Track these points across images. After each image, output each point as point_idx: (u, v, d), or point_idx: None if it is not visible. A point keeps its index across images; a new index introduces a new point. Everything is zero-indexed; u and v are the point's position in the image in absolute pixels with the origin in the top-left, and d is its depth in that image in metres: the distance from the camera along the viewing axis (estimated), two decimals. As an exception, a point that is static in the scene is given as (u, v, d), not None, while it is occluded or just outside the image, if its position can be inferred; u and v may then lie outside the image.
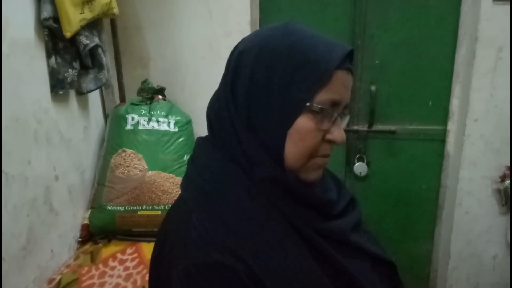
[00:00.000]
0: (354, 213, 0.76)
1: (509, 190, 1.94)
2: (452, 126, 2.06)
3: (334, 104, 0.64)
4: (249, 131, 0.65)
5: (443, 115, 2.08)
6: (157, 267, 0.67)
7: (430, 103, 2.07)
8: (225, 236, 0.60)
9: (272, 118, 0.64)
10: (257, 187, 0.64)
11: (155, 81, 1.92)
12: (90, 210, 1.68)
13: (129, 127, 1.76)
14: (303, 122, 0.63)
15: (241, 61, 0.66)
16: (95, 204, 1.68)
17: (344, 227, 0.70)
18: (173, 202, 1.66)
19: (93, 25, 1.65)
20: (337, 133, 0.66)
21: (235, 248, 0.59)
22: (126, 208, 1.63)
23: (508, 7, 1.80)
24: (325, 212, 0.69)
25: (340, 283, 0.65)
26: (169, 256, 0.64)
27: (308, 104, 0.62)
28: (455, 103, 2.03)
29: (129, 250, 1.60)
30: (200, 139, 0.73)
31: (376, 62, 2.04)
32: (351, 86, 0.68)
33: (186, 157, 1.77)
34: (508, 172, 1.96)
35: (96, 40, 1.63)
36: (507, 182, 1.95)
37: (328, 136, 0.66)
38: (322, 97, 0.63)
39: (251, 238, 0.61)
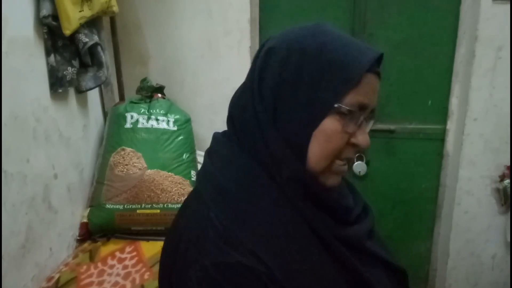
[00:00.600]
0: (368, 220, 0.75)
1: (508, 190, 1.95)
2: (451, 125, 2.06)
3: (362, 107, 0.64)
4: (275, 129, 0.64)
5: (443, 115, 2.08)
6: (171, 265, 0.64)
7: (430, 102, 2.07)
8: (245, 237, 0.59)
9: (299, 118, 0.63)
10: (280, 188, 0.64)
11: (155, 80, 1.92)
12: (89, 209, 1.68)
13: (128, 125, 1.75)
14: (330, 123, 0.62)
15: (269, 58, 0.66)
16: (94, 202, 1.67)
17: (360, 233, 0.70)
18: (172, 200, 1.67)
19: (92, 23, 1.65)
20: (362, 137, 0.65)
21: (255, 249, 0.58)
22: (125, 206, 1.63)
23: (508, 6, 1.80)
24: (341, 218, 0.69)
25: None
26: (185, 254, 0.62)
27: (336, 105, 0.62)
28: (454, 103, 2.04)
29: (128, 249, 1.60)
30: (219, 134, 0.72)
31: (376, 61, 2.03)
32: (378, 90, 0.68)
33: (185, 156, 1.77)
34: (507, 172, 1.96)
35: (96, 38, 1.63)
36: (506, 181, 1.95)
37: (353, 140, 0.65)
38: (351, 99, 0.62)
39: (272, 240, 0.60)
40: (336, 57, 0.62)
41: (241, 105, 0.68)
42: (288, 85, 0.63)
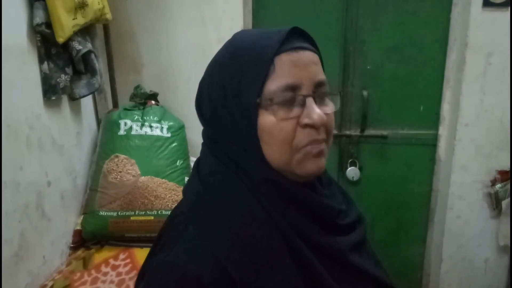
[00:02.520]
0: (359, 231, 0.72)
1: (500, 194, 1.96)
2: (443, 130, 2.08)
3: (291, 88, 0.61)
4: (230, 142, 0.65)
5: (434, 120, 2.10)
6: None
7: (422, 108, 2.09)
8: (216, 248, 0.59)
9: (239, 126, 0.63)
10: (254, 195, 0.63)
11: (148, 87, 1.93)
12: (82, 216, 1.68)
13: (122, 132, 1.75)
14: (264, 119, 0.61)
15: (202, 84, 0.70)
16: (88, 209, 1.67)
17: (344, 245, 0.67)
18: (165, 207, 1.67)
19: (86, 31, 1.65)
20: (311, 113, 0.61)
21: (223, 261, 0.58)
22: (119, 213, 1.63)
23: (497, 14, 1.82)
24: (328, 222, 0.66)
25: None
26: (156, 252, 0.66)
27: (258, 100, 0.61)
28: (446, 108, 2.06)
29: (121, 256, 1.60)
30: (204, 144, 0.73)
31: (368, 67, 2.05)
32: (313, 62, 0.63)
33: (179, 162, 1.77)
34: (499, 176, 1.98)
35: (89, 46, 1.63)
36: (498, 186, 1.97)
37: (303, 121, 0.61)
38: (272, 86, 0.60)
39: (243, 254, 0.60)
40: (245, 57, 0.62)
41: (202, 132, 0.72)
42: (219, 102, 0.65)
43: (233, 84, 0.63)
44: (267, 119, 0.61)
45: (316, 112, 0.61)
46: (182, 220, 0.66)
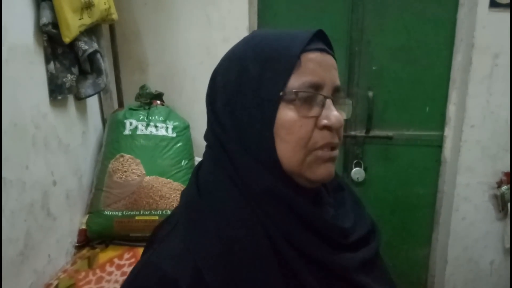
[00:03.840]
0: (370, 246, 0.67)
1: (506, 196, 1.95)
2: (449, 132, 2.08)
3: (314, 86, 0.60)
4: (236, 145, 0.62)
5: (440, 121, 2.09)
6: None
7: (427, 109, 2.08)
8: (198, 253, 0.58)
9: (254, 122, 0.61)
10: (249, 205, 0.60)
11: (153, 86, 1.93)
12: (87, 215, 1.68)
13: (127, 132, 1.76)
14: (284, 114, 0.60)
15: (215, 78, 0.67)
16: (93, 209, 1.67)
17: (349, 263, 0.62)
18: (170, 207, 1.68)
19: (92, 31, 1.66)
20: (330, 115, 0.60)
21: (202, 267, 0.57)
22: (124, 213, 1.63)
23: (504, 14, 1.81)
24: (334, 241, 0.62)
25: None
26: (145, 251, 0.68)
27: (281, 93, 0.59)
28: (451, 109, 2.05)
29: (126, 255, 1.60)
30: (207, 146, 0.71)
31: (374, 68, 2.05)
32: (334, 67, 0.64)
33: (184, 162, 1.77)
34: (505, 178, 1.97)
35: (95, 46, 1.64)
36: (504, 187, 1.96)
37: (321, 122, 0.60)
38: (296, 82, 0.59)
39: (225, 263, 0.57)
40: (270, 51, 0.61)
41: (207, 133, 0.69)
42: (235, 96, 0.62)
43: (253, 77, 0.61)
44: (287, 114, 0.60)
45: (335, 114, 0.60)
46: (172, 221, 0.66)
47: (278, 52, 0.61)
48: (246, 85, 0.61)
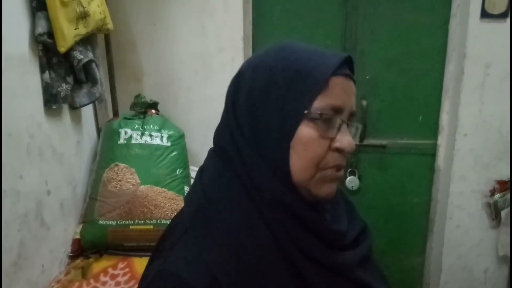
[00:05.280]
0: (364, 244, 0.72)
1: (499, 204, 1.97)
2: (442, 140, 2.09)
3: (336, 110, 0.63)
4: (254, 152, 0.64)
5: (433, 130, 2.11)
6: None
7: (420, 118, 2.10)
8: (210, 258, 0.60)
9: (273, 132, 0.63)
10: (258, 210, 0.63)
11: (148, 96, 1.93)
12: (81, 225, 1.67)
13: (122, 141, 1.76)
14: (305, 131, 0.62)
15: (240, 81, 0.67)
16: (87, 218, 1.67)
17: (350, 261, 0.67)
18: (165, 216, 1.67)
19: (87, 40, 1.66)
20: (344, 139, 0.63)
21: (216, 272, 0.58)
22: (118, 222, 1.62)
23: (495, 24, 1.84)
24: (334, 243, 0.66)
25: None
26: (155, 259, 0.68)
27: (306, 111, 0.61)
28: (444, 118, 2.07)
29: (120, 265, 1.59)
30: (212, 151, 0.72)
31: (367, 77, 2.07)
32: (354, 93, 0.67)
33: (178, 171, 1.77)
34: (498, 186, 1.98)
35: (90, 55, 1.64)
36: (497, 195, 1.97)
37: (335, 144, 0.63)
38: (321, 103, 0.62)
39: (238, 269, 0.59)
40: (300, 67, 0.63)
41: (219, 131, 0.70)
42: (258, 102, 0.64)
43: (280, 89, 0.63)
44: (308, 131, 0.62)
45: (348, 139, 0.64)
46: (180, 228, 0.66)
47: (308, 70, 0.63)
48: (272, 96, 0.63)
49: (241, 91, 0.66)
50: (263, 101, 0.63)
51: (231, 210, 0.63)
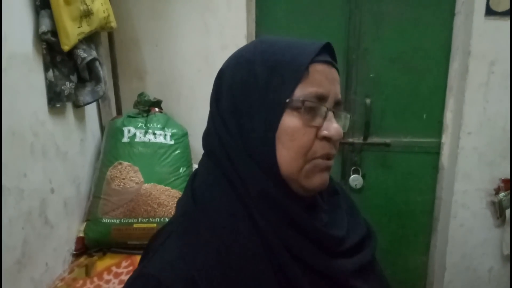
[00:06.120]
0: (366, 251, 0.69)
1: (503, 203, 1.96)
2: (446, 139, 2.08)
3: (319, 97, 0.62)
4: (239, 147, 0.63)
5: (437, 128, 2.10)
6: None
7: (424, 116, 2.09)
8: (192, 262, 0.58)
9: (258, 125, 0.62)
10: (246, 209, 0.61)
11: (152, 94, 1.93)
12: (85, 223, 1.68)
13: (125, 139, 1.76)
14: (289, 121, 0.61)
15: (221, 79, 0.68)
16: (91, 216, 1.67)
17: (344, 269, 0.63)
18: (168, 214, 1.68)
19: (90, 39, 1.66)
20: (331, 127, 0.62)
21: (197, 277, 0.57)
22: (122, 220, 1.63)
23: (500, 22, 1.83)
24: (327, 247, 0.63)
25: None
26: (140, 262, 0.68)
27: (287, 100, 0.60)
28: (449, 117, 2.06)
29: (124, 263, 1.59)
30: (203, 155, 0.71)
31: (371, 75, 2.06)
32: (337, 81, 0.66)
33: (182, 170, 1.77)
34: (502, 185, 1.97)
35: (94, 54, 1.64)
36: (502, 194, 1.96)
37: (322, 133, 0.62)
38: (302, 91, 0.61)
39: (220, 272, 0.58)
40: (279, 57, 0.63)
41: (208, 137, 0.68)
42: (240, 96, 0.63)
43: (260, 81, 0.62)
44: (292, 121, 0.61)
45: (335, 127, 0.62)
46: (167, 231, 0.66)
47: (287, 60, 0.62)
48: (253, 89, 0.62)
49: (223, 89, 0.66)
50: (245, 95, 0.63)
51: (217, 211, 0.62)
